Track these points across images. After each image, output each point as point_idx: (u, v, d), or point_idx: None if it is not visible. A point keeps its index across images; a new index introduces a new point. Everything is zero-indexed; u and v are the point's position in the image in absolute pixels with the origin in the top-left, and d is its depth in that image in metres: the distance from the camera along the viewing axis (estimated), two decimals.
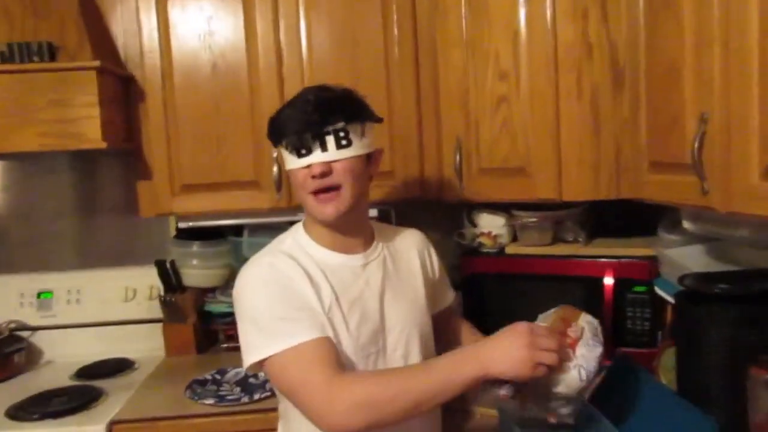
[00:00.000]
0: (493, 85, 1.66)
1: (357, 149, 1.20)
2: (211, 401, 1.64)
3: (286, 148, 1.20)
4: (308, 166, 1.18)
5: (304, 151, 1.18)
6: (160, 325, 2.10)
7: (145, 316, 2.14)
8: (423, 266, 1.38)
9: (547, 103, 1.57)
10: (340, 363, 1.12)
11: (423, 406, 1.05)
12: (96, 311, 2.14)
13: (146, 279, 2.13)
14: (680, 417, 1.10)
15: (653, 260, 1.64)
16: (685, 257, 1.48)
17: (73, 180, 2.22)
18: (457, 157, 1.74)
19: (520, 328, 1.07)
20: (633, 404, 1.24)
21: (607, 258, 1.72)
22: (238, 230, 2.08)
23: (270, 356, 1.11)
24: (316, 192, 1.19)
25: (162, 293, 2.09)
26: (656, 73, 1.34)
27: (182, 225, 2.00)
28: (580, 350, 1.08)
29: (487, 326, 1.88)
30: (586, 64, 1.53)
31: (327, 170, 1.18)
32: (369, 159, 1.26)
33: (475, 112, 1.71)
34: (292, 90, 1.81)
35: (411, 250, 1.38)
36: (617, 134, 1.53)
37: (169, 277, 2.06)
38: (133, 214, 1.97)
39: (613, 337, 1.68)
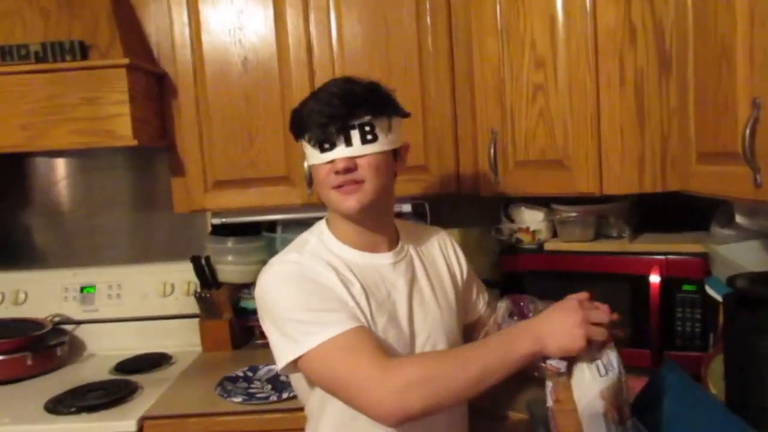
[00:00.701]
0: (529, 74, 1.58)
1: (383, 144, 1.15)
2: (239, 399, 1.63)
3: (309, 142, 1.16)
4: (331, 161, 1.14)
5: (327, 146, 1.14)
6: (196, 320, 2.11)
7: (182, 312, 2.15)
8: (449, 267, 1.32)
9: (587, 92, 1.48)
10: (385, 350, 1.07)
11: (479, 384, 1.01)
12: (135, 306, 2.17)
13: (184, 275, 2.14)
14: None
15: (704, 257, 1.53)
16: (739, 254, 1.37)
17: (118, 175, 2.26)
18: (492, 150, 1.67)
19: (571, 303, 1.06)
20: (678, 415, 1.15)
21: (654, 255, 1.61)
22: (272, 226, 2.06)
23: (308, 351, 1.06)
24: (339, 186, 1.15)
25: (198, 289, 2.09)
26: (706, 56, 1.24)
27: (215, 221, 2.00)
28: None
29: None
30: (629, 48, 1.43)
31: (351, 166, 1.13)
32: (395, 155, 1.21)
33: (510, 103, 1.63)
34: (323, 83, 1.81)
35: (437, 251, 1.33)
36: (664, 123, 1.43)
37: (205, 273, 2.07)
38: (171, 211, 1.98)
39: (660, 339, 1.59)
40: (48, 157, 2.25)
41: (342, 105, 1.12)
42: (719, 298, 1.30)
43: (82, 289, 2.19)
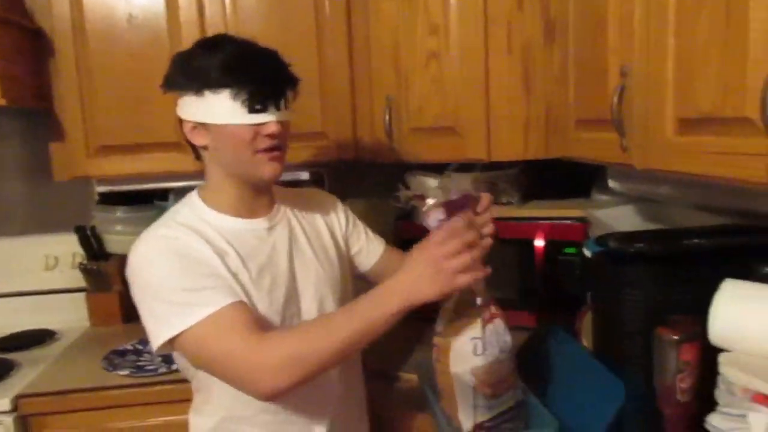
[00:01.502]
0: (423, 39, 1.59)
1: (292, 112, 1.15)
2: (125, 372, 1.57)
3: (235, 99, 1.06)
4: (260, 124, 1.08)
5: (259, 107, 1.07)
6: (84, 294, 2.01)
7: (68, 285, 2.04)
8: (328, 225, 1.31)
9: (477, 59, 1.51)
10: (259, 325, 1.05)
11: (349, 350, 1.01)
12: (16, 281, 2.03)
13: (68, 246, 2.03)
14: (593, 381, 1.08)
15: (585, 222, 1.61)
16: (613, 218, 1.46)
17: None
18: (387, 117, 1.67)
19: (420, 246, 1.01)
20: (553, 369, 1.22)
21: (539, 220, 1.69)
22: (164, 194, 1.98)
23: (183, 331, 1.02)
24: (267, 149, 1.10)
25: (84, 261, 1.99)
26: (585, 25, 1.29)
27: (102, 189, 1.89)
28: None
29: None
30: (516, 16, 1.47)
31: (279, 131, 1.10)
32: None
33: (405, 69, 1.64)
34: None
35: (313, 210, 1.31)
36: (548, 91, 1.48)
37: (91, 244, 1.97)
38: (51, 179, 1.86)
39: (544, 300, 1.67)
40: None
41: (279, 67, 1.08)
42: None
43: None
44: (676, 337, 0.95)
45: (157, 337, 1.05)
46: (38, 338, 1.91)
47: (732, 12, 0.81)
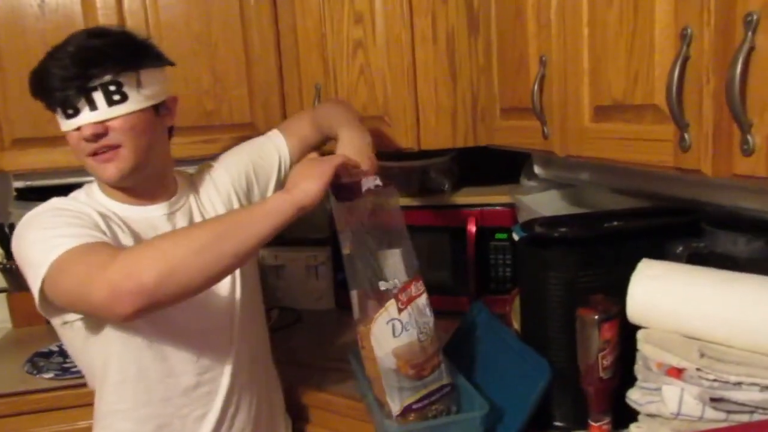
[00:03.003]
0: (349, 29, 1.58)
1: (135, 103, 1.06)
2: (50, 375, 1.52)
3: (50, 108, 1.06)
4: (79, 128, 1.04)
5: (71, 111, 1.04)
6: (4, 294, 1.92)
7: None
8: (220, 191, 1.25)
9: (403, 49, 1.52)
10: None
11: (224, 238, 0.93)
12: None
13: None
14: (520, 362, 1.12)
15: (513, 207, 1.65)
16: (539, 203, 1.50)
17: None
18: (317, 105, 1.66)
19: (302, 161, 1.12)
20: (482, 352, 1.25)
21: (471, 207, 1.72)
22: None
23: (49, 268, 0.95)
24: (93, 153, 1.06)
25: (2, 260, 1.90)
26: (505, 15, 1.31)
27: (19, 184, 1.81)
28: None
29: None
30: (441, 7, 1.48)
31: (101, 131, 1.04)
32: (159, 109, 1.12)
33: (332, 58, 1.62)
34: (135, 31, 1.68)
35: (210, 185, 1.26)
36: (473, 80, 1.51)
37: (8, 242, 1.86)
38: None
39: (477, 285, 1.71)
40: None
41: (75, 65, 1.01)
42: None
43: None
44: (596, 317, 0.99)
45: (34, 286, 0.99)
46: None
47: (639, 2, 0.84)
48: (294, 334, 1.79)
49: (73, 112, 1.04)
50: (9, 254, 1.88)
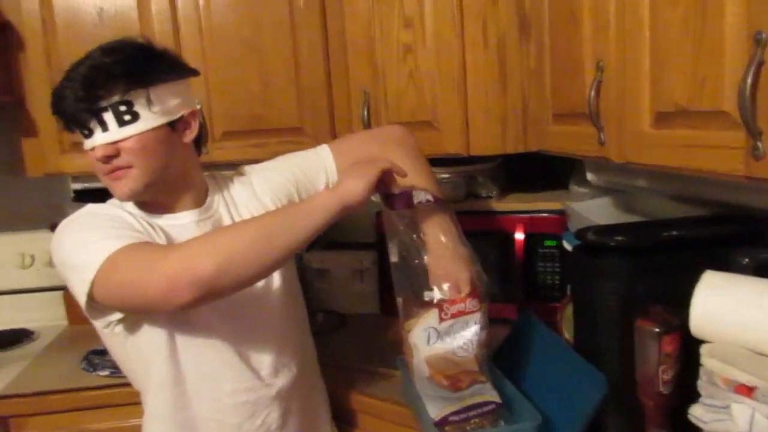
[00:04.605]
0: (399, 33, 1.58)
1: (147, 122, 1.04)
2: (106, 372, 1.55)
3: (67, 128, 1.07)
4: (93, 149, 1.05)
5: (85, 132, 1.05)
6: (61, 292, 1.97)
7: (45, 284, 2.00)
8: (259, 198, 1.23)
9: (453, 53, 1.51)
10: None
11: (278, 235, 0.97)
12: None
13: (45, 244, 1.96)
14: (573, 373, 1.09)
15: (562, 214, 1.62)
16: (590, 210, 1.47)
17: None
18: (365, 111, 1.66)
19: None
20: (534, 361, 1.23)
21: (519, 213, 1.69)
22: None
23: (97, 270, 0.96)
24: (108, 171, 1.06)
25: None
26: (559, 19, 1.29)
27: (77, 186, 1.86)
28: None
29: None
30: (491, 11, 1.47)
31: (112, 152, 1.03)
32: (176, 125, 1.10)
33: (381, 63, 1.63)
34: (188, 40, 1.72)
35: (244, 193, 1.24)
36: (524, 85, 1.48)
37: None
38: (24, 175, 1.82)
39: (524, 292, 1.68)
40: None
41: (84, 87, 1.01)
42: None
43: None
44: (656, 329, 0.96)
45: (81, 287, 0.99)
46: (15, 338, 1.88)
47: (708, 5, 0.81)
48: (339, 337, 1.79)
49: (88, 133, 1.04)
50: None
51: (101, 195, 1.91)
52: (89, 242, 1.01)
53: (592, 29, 1.12)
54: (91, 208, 1.12)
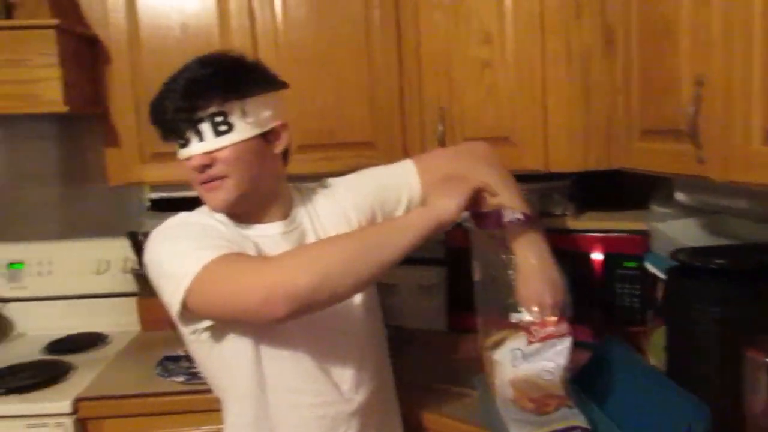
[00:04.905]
0: (477, 49, 1.56)
1: (241, 132, 1.06)
2: (181, 378, 1.58)
3: (164, 138, 1.10)
4: (189, 158, 1.08)
5: (182, 142, 1.08)
6: (134, 299, 2.03)
7: (119, 290, 2.06)
8: (344, 212, 1.23)
9: (533, 68, 1.48)
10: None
11: (371, 252, 0.98)
12: (68, 284, 2.06)
13: (120, 251, 2.05)
14: (669, 402, 1.04)
15: (644, 235, 1.57)
16: (678, 231, 1.41)
17: (47, 146, 2.12)
18: (441, 127, 1.65)
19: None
20: (620, 387, 1.18)
21: (596, 232, 1.65)
22: None
23: (193, 279, 0.98)
24: (203, 181, 1.09)
25: (135, 266, 2.01)
26: (650, 34, 1.25)
27: (153, 196, 1.92)
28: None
29: (471, 302, 1.86)
30: (574, 25, 1.44)
31: (208, 162, 1.06)
32: (267, 137, 1.12)
33: (458, 79, 1.61)
34: (265, 54, 1.74)
35: (328, 205, 1.24)
36: (608, 101, 1.44)
37: (142, 250, 1.98)
38: (106, 184, 1.89)
39: (601, 314, 1.63)
40: None
41: (183, 98, 1.04)
42: (659, 273, 1.33)
43: (9, 265, 2.07)
44: None
45: (175, 296, 1.00)
46: (91, 341, 1.94)
47: None
48: (406, 353, 1.78)
49: (184, 143, 1.07)
50: (141, 261, 1.99)
51: (177, 205, 1.97)
52: (185, 251, 1.03)
53: (691, 44, 1.08)
54: (183, 216, 1.14)
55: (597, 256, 1.63)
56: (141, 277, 1.99)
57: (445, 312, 1.93)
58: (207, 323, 1.08)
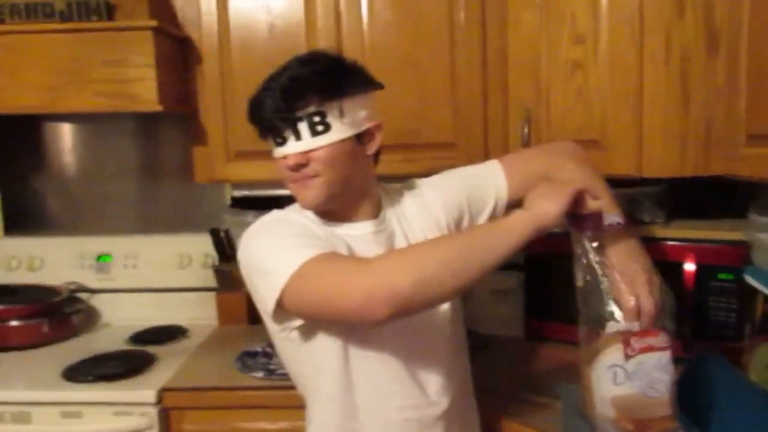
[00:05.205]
0: (568, 50, 1.52)
1: (338, 133, 1.07)
2: (260, 374, 1.61)
3: (262, 136, 1.11)
4: (285, 157, 1.08)
5: (279, 140, 1.08)
6: (213, 293, 2.08)
7: (199, 284, 2.12)
8: (432, 214, 1.22)
9: (629, 69, 1.43)
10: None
11: (471, 257, 0.96)
12: (152, 277, 2.14)
13: (201, 247, 2.11)
14: None
15: (742, 245, 1.48)
16: None
17: (136, 143, 2.22)
18: (526, 129, 1.62)
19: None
20: (722, 406, 1.11)
21: (688, 242, 1.57)
22: (293, 201, 2.01)
23: (290, 277, 0.98)
24: (295, 180, 1.10)
25: (216, 262, 2.06)
26: (763, 34, 1.18)
27: (236, 194, 1.96)
28: None
29: (552, 310, 1.81)
30: (676, 24, 1.37)
31: (302, 161, 1.07)
32: (361, 138, 1.12)
33: (546, 80, 1.58)
34: (351, 53, 1.74)
35: (415, 207, 1.22)
36: (709, 103, 1.37)
37: (224, 247, 2.03)
38: (191, 181, 1.95)
39: (693, 328, 1.55)
40: (64, 122, 2.21)
41: (283, 98, 1.04)
42: (762, 287, 1.26)
43: (98, 258, 2.16)
44: None
45: (270, 294, 1.01)
46: (171, 334, 2.00)
47: None
48: (482, 359, 1.74)
49: (281, 141, 1.08)
50: (222, 257, 2.05)
51: (258, 203, 2.03)
52: (280, 249, 1.04)
53: None
54: (277, 214, 1.15)
55: (689, 266, 1.55)
56: (220, 273, 2.05)
57: (522, 319, 1.89)
58: (298, 322, 1.08)
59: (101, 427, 1.58)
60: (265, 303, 1.05)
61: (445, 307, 1.17)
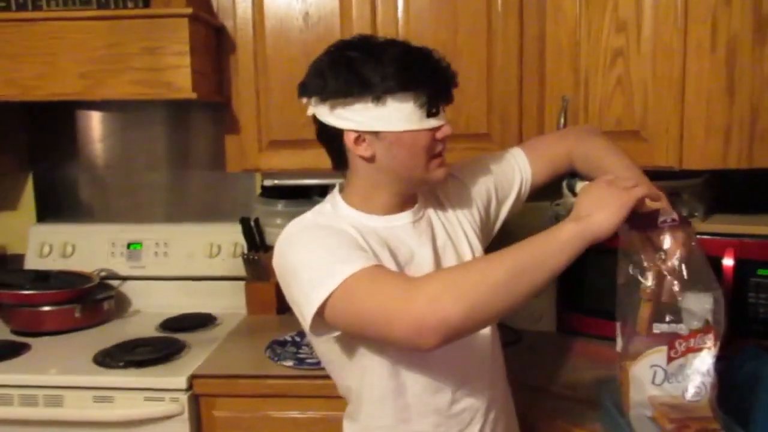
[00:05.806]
0: (609, 37, 1.50)
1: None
2: (290, 363, 1.60)
3: (415, 103, 1.02)
4: (436, 128, 1.06)
5: (435, 110, 1.05)
6: (242, 282, 2.09)
7: (228, 273, 2.13)
8: (461, 205, 1.21)
9: (673, 58, 1.40)
10: (408, 276, 1.02)
11: (521, 276, 0.90)
12: (182, 265, 2.15)
13: (231, 236, 2.11)
14: None
15: None
16: None
17: (168, 132, 2.22)
18: (563, 118, 1.59)
19: (601, 182, 1.00)
20: (765, 404, 1.08)
21: (728, 236, 1.53)
22: (324, 191, 2.02)
23: (332, 292, 0.95)
24: (439, 154, 1.08)
25: (245, 251, 2.07)
26: None
27: (267, 183, 1.96)
28: None
29: (585, 305, 1.79)
30: (722, 11, 1.34)
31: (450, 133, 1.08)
32: None
33: (586, 69, 1.55)
34: None
35: (445, 201, 1.22)
36: (755, 94, 1.34)
37: (253, 236, 2.03)
38: (222, 170, 1.95)
39: (733, 324, 1.51)
40: (97, 110, 2.22)
41: (446, 67, 1.05)
42: None
43: (129, 245, 2.18)
44: None
45: (309, 308, 0.97)
46: (202, 321, 2.00)
47: None
48: (515, 354, 1.72)
49: (436, 112, 1.05)
50: (251, 246, 2.05)
51: (288, 192, 2.03)
52: (321, 261, 1.00)
53: None
54: (312, 219, 1.11)
55: (727, 261, 1.52)
56: (249, 262, 2.05)
57: (555, 313, 1.87)
58: (338, 332, 1.04)
59: (132, 411, 1.59)
60: (303, 315, 1.01)
61: None
